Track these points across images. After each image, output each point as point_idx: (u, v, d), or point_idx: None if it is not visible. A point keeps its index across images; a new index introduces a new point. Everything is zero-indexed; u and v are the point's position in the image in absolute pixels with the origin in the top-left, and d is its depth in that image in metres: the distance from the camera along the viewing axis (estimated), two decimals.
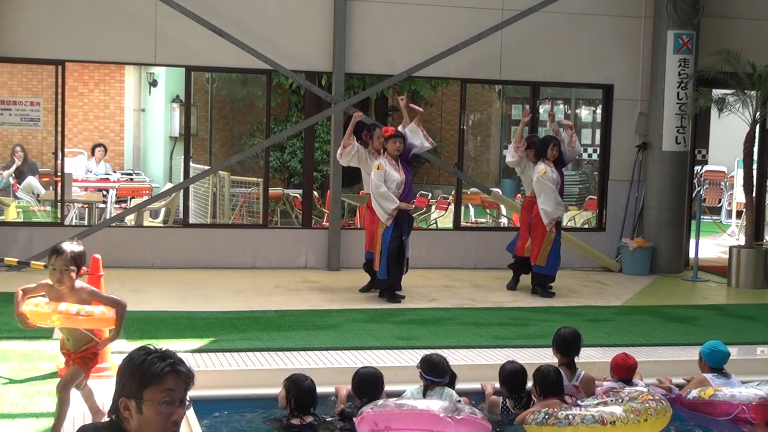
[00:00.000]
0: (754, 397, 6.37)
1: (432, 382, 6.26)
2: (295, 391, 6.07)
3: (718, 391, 6.49)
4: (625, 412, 5.62)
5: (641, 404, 5.67)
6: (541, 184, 11.00)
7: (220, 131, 19.50)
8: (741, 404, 6.33)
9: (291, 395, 6.07)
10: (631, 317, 10.15)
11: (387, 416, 5.45)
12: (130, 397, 3.06)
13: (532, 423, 5.85)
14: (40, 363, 7.28)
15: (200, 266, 12.36)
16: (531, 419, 5.88)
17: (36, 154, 17.63)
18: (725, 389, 6.51)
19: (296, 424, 5.96)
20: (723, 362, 6.91)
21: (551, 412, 5.80)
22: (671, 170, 13.36)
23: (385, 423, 5.42)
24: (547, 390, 6.21)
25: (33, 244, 11.86)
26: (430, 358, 6.37)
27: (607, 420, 5.60)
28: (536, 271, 11.21)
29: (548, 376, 6.26)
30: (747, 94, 12.43)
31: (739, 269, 12.39)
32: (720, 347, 6.94)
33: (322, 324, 9.16)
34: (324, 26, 12.65)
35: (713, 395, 6.47)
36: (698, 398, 6.56)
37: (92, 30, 12.08)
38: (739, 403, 6.34)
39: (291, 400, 6.06)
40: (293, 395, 6.06)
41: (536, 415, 5.86)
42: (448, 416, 5.42)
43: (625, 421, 5.60)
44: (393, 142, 10.57)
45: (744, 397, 6.39)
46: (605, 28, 13.54)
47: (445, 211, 15.71)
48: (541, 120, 16.00)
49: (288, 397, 6.09)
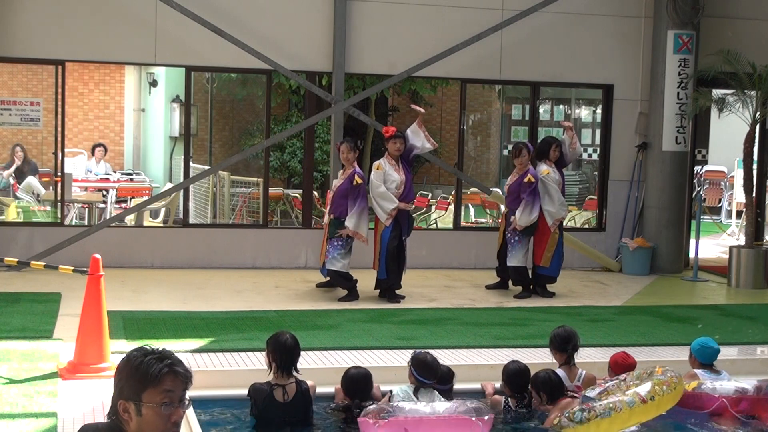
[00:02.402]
0: (735, 390, 6.47)
1: (423, 383, 6.23)
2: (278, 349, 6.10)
3: (700, 384, 6.56)
4: (657, 386, 5.79)
5: (663, 376, 5.93)
6: (545, 185, 11.01)
7: (220, 131, 19.50)
8: (722, 397, 6.39)
9: (275, 356, 6.11)
10: (631, 317, 10.14)
11: (417, 422, 5.41)
12: (128, 400, 3.05)
13: (571, 425, 5.78)
14: (40, 363, 7.28)
15: (200, 266, 12.36)
16: (566, 422, 5.80)
17: (36, 154, 17.61)
18: (707, 382, 6.58)
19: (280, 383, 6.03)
20: (713, 358, 6.97)
21: (585, 407, 5.79)
22: (671, 170, 13.36)
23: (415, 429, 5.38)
24: (554, 393, 6.21)
25: (33, 244, 11.86)
26: (425, 359, 6.29)
27: (647, 397, 5.71)
28: (539, 271, 11.21)
29: (551, 380, 6.27)
30: (747, 94, 12.43)
31: (739, 269, 12.39)
32: (710, 343, 7.00)
33: (322, 324, 9.16)
34: (324, 26, 12.65)
35: (696, 388, 6.52)
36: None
37: (92, 30, 12.08)
38: (719, 395, 6.40)
39: (276, 359, 6.10)
40: (277, 355, 6.10)
41: (572, 415, 5.79)
42: (478, 419, 5.41)
43: (661, 393, 5.78)
44: (393, 143, 10.55)
45: (725, 390, 6.49)
46: (605, 28, 13.53)
47: (445, 211, 15.72)
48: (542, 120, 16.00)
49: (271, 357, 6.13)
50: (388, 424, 5.36)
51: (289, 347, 6.12)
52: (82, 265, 7.79)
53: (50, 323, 8.69)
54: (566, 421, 5.83)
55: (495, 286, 11.48)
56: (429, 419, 5.46)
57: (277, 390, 6.05)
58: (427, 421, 5.45)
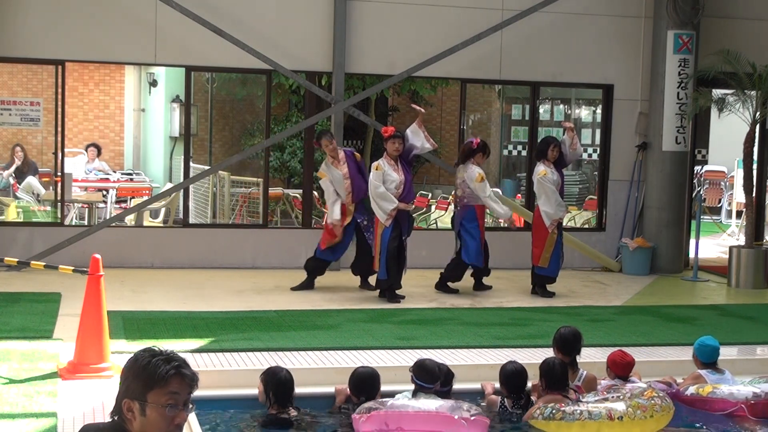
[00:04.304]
0: (753, 395, 6.46)
1: (422, 387, 6.23)
2: (273, 384, 6.10)
3: (716, 389, 6.56)
4: (631, 408, 5.69)
5: (647, 401, 5.75)
6: (542, 185, 11.00)
7: (220, 131, 19.50)
8: (739, 402, 6.41)
9: (269, 389, 6.11)
10: (631, 317, 10.14)
11: (398, 417, 5.44)
12: (133, 399, 3.06)
13: (539, 418, 5.87)
14: (40, 363, 7.28)
15: (200, 266, 12.36)
16: (537, 414, 5.91)
17: (36, 154, 17.61)
18: (723, 387, 6.58)
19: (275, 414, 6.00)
20: (713, 356, 6.98)
21: (558, 407, 5.82)
22: (671, 170, 13.36)
23: (396, 423, 5.41)
24: (552, 382, 6.23)
25: (33, 244, 11.86)
26: (424, 363, 6.35)
27: (614, 415, 5.65)
28: (538, 272, 11.21)
29: (554, 369, 6.29)
30: (747, 94, 12.42)
31: (739, 269, 12.39)
32: (708, 341, 7.03)
33: (322, 324, 9.16)
34: (324, 26, 12.65)
35: (711, 392, 6.53)
36: (696, 395, 6.62)
37: (92, 30, 12.08)
38: (737, 401, 6.41)
39: (270, 393, 6.10)
40: (271, 389, 6.10)
41: (543, 410, 5.88)
42: (462, 418, 5.42)
43: (632, 416, 5.67)
44: (392, 143, 10.55)
45: (742, 395, 6.47)
46: (605, 28, 13.53)
47: (445, 211, 15.72)
48: (542, 120, 16.00)
49: (266, 391, 6.13)
50: (370, 418, 5.42)
51: (284, 382, 6.14)
52: (82, 265, 7.79)
53: (50, 323, 8.69)
54: (537, 413, 5.88)
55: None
56: (408, 414, 5.49)
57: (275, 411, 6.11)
58: (407, 415, 5.47)
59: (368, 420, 5.43)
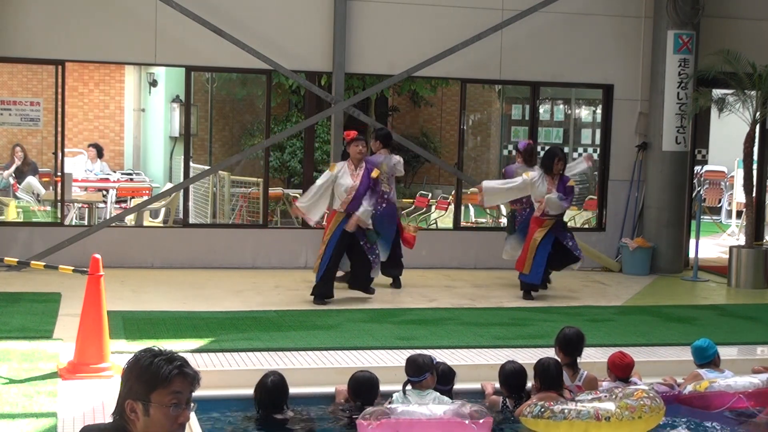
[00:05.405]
0: (750, 384, 6.43)
1: (410, 380, 6.24)
2: (258, 391, 6.11)
3: (713, 383, 6.55)
4: (619, 409, 5.67)
5: (636, 401, 5.72)
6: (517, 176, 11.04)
7: (220, 131, 19.50)
8: (737, 393, 6.38)
9: (256, 395, 6.12)
10: (631, 317, 10.14)
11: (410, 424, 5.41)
12: (137, 400, 3.07)
13: (528, 416, 5.88)
14: (40, 363, 7.28)
15: (200, 266, 12.36)
16: (527, 412, 5.91)
17: (36, 154, 17.61)
18: (720, 380, 6.57)
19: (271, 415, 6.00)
20: (707, 356, 6.98)
21: (547, 405, 5.83)
22: (671, 170, 13.36)
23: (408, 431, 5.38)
24: (547, 382, 6.23)
25: (33, 244, 11.86)
26: (410, 357, 6.37)
27: (602, 416, 5.64)
28: (520, 278, 11.02)
29: (549, 369, 6.29)
30: (747, 94, 12.42)
31: (739, 269, 12.39)
32: (698, 343, 7.07)
33: (322, 324, 9.16)
34: (324, 26, 12.65)
35: (709, 387, 6.52)
36: (694, 392, 6.61)
37: (92, 30, 12.08)
38: (735, 392, 6.39)
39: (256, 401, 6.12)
40: (257, 396, 6.10)
41: (532, 408, 5.89)
42: (472, 422, 5.41)
43: (620, 417, 5.65)
44: (355, 146, 10.16)
45: (740, 385, 6.46)
46: (605, 28, 13.53)
47: (445, 211, 15.72)
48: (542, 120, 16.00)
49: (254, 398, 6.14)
50: (380, 426, 5.38)
51: (269, 389, 6.11)
52: (82, 265, 7.79)
53: (50, 323, 8.69)
54: (527, 410, 5.89)
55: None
56: (421, 421, 5.47)
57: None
58: (420, 423, 5.46)
59: (378, 427, 5.39)
